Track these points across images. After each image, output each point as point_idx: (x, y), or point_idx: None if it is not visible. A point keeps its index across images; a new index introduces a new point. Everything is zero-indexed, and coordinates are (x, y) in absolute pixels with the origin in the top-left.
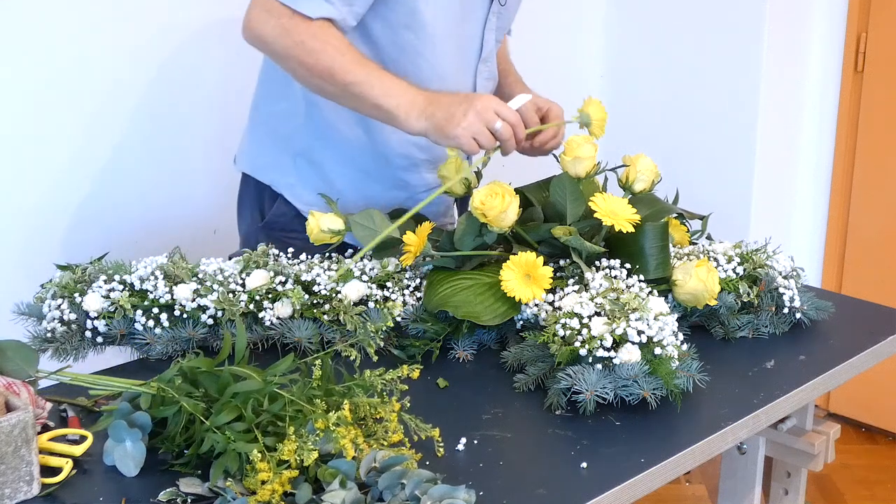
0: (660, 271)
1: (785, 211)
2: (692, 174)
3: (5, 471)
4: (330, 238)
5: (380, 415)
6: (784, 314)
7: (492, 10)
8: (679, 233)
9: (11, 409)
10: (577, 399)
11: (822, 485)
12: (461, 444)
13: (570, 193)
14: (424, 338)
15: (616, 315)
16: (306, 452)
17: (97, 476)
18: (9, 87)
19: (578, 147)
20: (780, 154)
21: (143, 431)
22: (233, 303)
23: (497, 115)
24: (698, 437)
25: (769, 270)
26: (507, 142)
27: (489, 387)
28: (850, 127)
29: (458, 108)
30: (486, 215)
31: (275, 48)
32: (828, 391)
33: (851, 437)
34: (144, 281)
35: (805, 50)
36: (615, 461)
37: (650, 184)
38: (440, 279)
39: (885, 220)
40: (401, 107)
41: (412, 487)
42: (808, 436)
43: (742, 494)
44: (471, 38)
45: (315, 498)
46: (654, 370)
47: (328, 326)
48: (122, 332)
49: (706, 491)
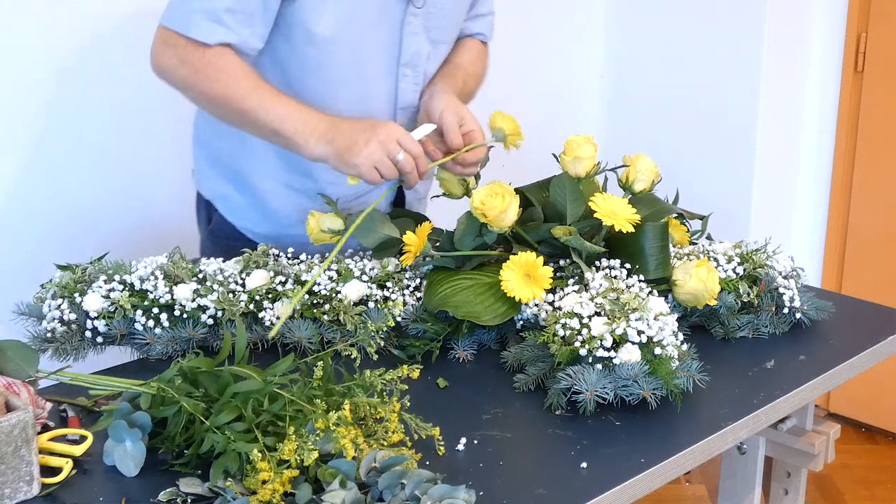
0: (660, 271)
1: (785, 211)
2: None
3: (5, 471)
4: (330, 238)
5: (380, 415)
6: (784, 314)
7: (409, 13)
8: (679, 233)
9: (11, 409)
10: (577, 399)
11: (822, 485)
12: (461, 444)
13: (570, 193)
14: (424, 338)
15: (616, 315)
16: (306, 452)
17: (97, 476)
18: (8, 88)
19: (578, 147)
20: (780, 154)
21: (143, 431)
22: (233, 303)
23: (400, 146)
24: (698, 437)
25: (769, 270)
26: (408, 175)
27: (489, 387)
28: (850, 127)
29: (360, 135)
30: (486, 215)
31: (174, 79)
32: (828, 391)
33: (851, 437)
34: (144, 281)
35: (805, 50)
36: (615, 461)
37: (650, 184)
38: (440, 279)
39: (885, 220)
40: (299, 132)
41: (412, 487)
42: (808, 436)
43: (742, 494)
44: (388, 43)
45: (315, 498)
46: (654, 370)
47: (328, 326)
48: (122, 332)
49: (706, 491)
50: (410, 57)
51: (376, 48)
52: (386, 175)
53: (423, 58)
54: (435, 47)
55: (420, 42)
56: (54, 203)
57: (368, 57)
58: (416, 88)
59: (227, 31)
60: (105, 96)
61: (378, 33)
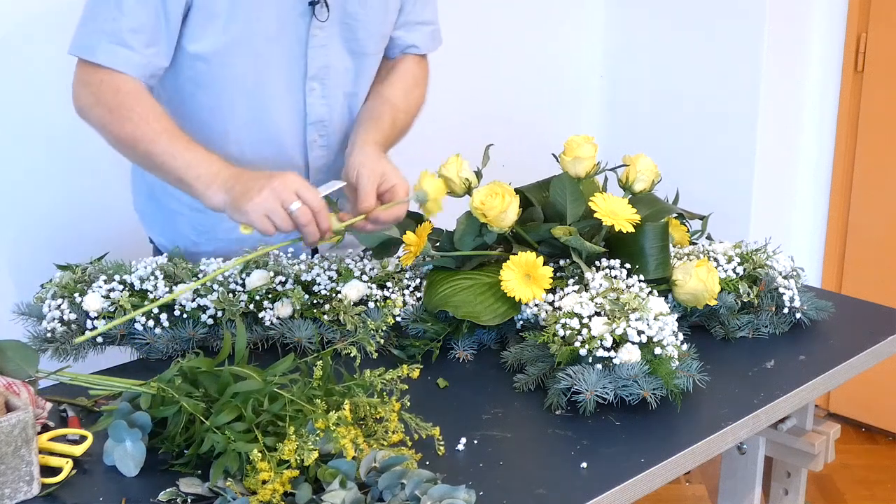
0: (660, 271)
1: (785, 211)
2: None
3: (5, 471)
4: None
5: (380, 415)
6: (784, 314)
7: (313, 26)
8: (679, 233)
9: (11, 409)
10: (577, 399)
11: (822, 485)
12: (461, 444)
13: (570, 193)
14: (424, 338)
15: (616, 315)
16: (306, 452)
17: (97, 476)
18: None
19: (578, 147)
20: (780, 154)
21: (143, 431)
22: (233, 303)
23: (296, 196)
24: (698, 437)
25: (769, 270)
26: (304, 227)
27: (489, 387)
28: (850, 127)
29: (255, 183)
30: (486, 215)
31: (91, 119)
32: (828, 391)
33: (851, 437)
34: (144, 281)
35: (805, 50)
36: (615, 461)
37: (650, 184)
38: (440, 279)
39: (885, 220)
40: (201, 179)
41: (412, 487)
42: (808, 436)
43: (742, 494)
44: (291, 57)
45: (315, 498)
46: (654, 370)
47: (328, 326)
48: (122, 332)
49: (706, 491)
50: (317, 71)
51: (278, 63)
52: (279, 225)
53: (339, 71)
54: (357, 59)
55: (330, 55)
56: (54, 203)
57: (269, 71)
58: (326, 102)
59: (131, 52)
60: None
61: (278, 48)
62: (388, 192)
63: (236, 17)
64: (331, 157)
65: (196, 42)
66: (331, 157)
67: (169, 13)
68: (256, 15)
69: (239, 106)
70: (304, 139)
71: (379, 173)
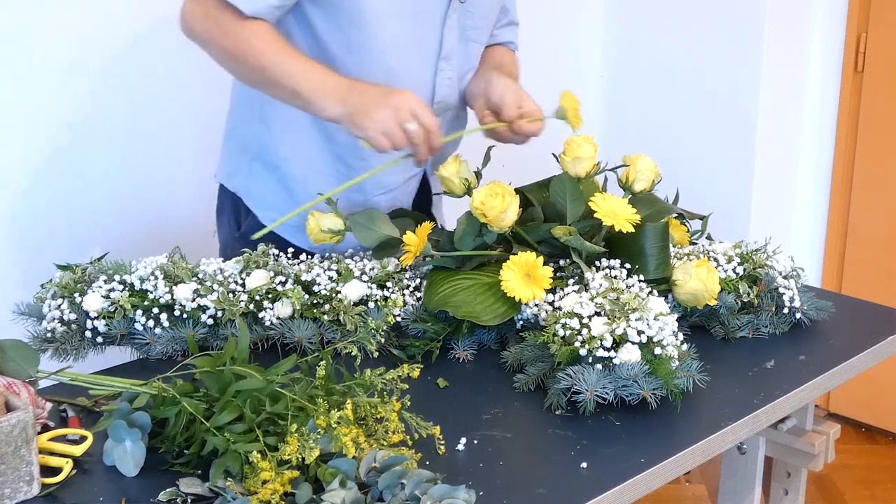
0: (660, 271)
1: (785, 211)
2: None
3: (5, 471)
4: (330, 238)
5: (380, 414)
6: (784, 314)
7: (451, 8)
8: (679, 233)
9: (11, 409)
10: (577, 399)
11: (822, 485)
12: (461, 444)
13: (570, 193)
14: (424, 338)
15: (616, 315)
16: (307, 450)
17: (97, 476)
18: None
19: (578, 147)
20: (780, 154)
21: (143, 431)
22: (233, 303)
23: (413, 116)
24: (698, 437)
25: (769, 270)
26: (418, 147)
27: (489, 387)
28: (850, 127)
29: (375, 99)
30: (486, 215)
31: (199, 33)
32: (828, 391)
33: (851, 437)
34: (144, 281)
35: (805, 50)
36: (615, 461)
37: (650, 184)
38: (440, 279)
39: (885, 220)
40: (318, 90)
41: (412, 487)
42: (808, 436)
43: (742, 494)
44: (428, 36)
45: (315, 498)
46: (654, 370)
47: (328, 326)
48: (122, 332)
49: (706, 491)
50: (449, 51)
51: (417, 39)
52: (396, 144)
53: (461, 55)
54: (467, 46)
55: (454, 37)
56: (54, 203)
57: (409, 47)
58: (452, 84)
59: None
60: (107, 98)
61: (419, 24)
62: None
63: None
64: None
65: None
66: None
67: None
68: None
69: (379, 77)
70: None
71: (521, 95)
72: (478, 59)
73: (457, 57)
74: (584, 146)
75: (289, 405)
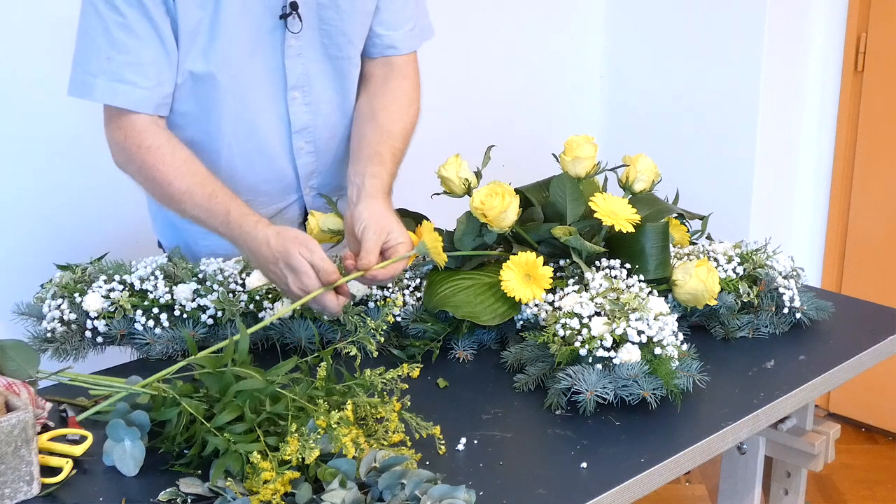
0: (660, 271)
1: (785, 211)
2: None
3: (5, 471)
4: (330, 238)
5: (380, 414)
6: (784, 314)
7: (287, 38)
8: (679, 233)
9: (11, 409)
10: (577, 399)
11: (822, 485)
12: (461, 444)
13: (570, 193)
14: (424, 338)
15: (616, 315)
16: (308, 451)
17: (97, 476)
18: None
19: (578, 147)
20: (780, 154)
21: (142, 430)
22: (233, 303)
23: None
24: (698, 437)
25: (769, 270)
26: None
27: (489, 387)
28: (850, 127)
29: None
30: (486, 215)
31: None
32: (828, 391)
33: (851, 437)
34: (144, 281)
35: (805, 50)
36: (615, 461)
37: (650, 184)
38: (440, 279)
39: (885, 220)
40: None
41: (412, 487)
42: (808, 436)
43: (742, 494)
44: (270, 70)
45: (315, 498)
46: (654, 370)
47: (328, 326)
48: (122, 332)
49: (706, 491)
50: (297, 80)
51: (258, 77)
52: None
53: (319, 78)
54: (337, 63)
55: (308, 63)
56: (54, 203)
57: (250, 87)
58: (309, 109)
59: (131, 87)
60: None
61: (255, 63)
62: (391, 250)
63: (215, 35)
64: (318, 163)
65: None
66: (318, 163)
67: (164, 39)
68: (233, 32)
69: (226, 121)
70: (290, 147)
71: (385, 231)
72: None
73: (314, 81)
74: (584, 146)
75: (289, 405)
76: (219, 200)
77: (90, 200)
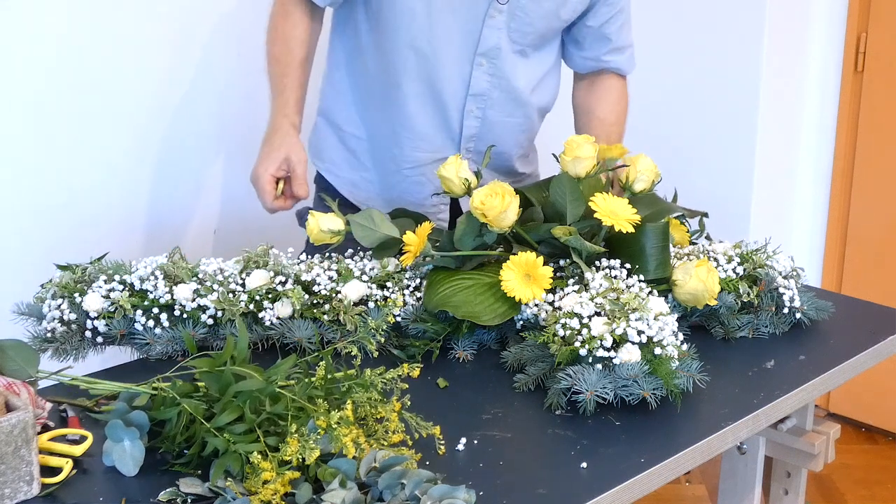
0: (660, 271)
1: (785, 211)
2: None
3: (5, 471)
4: (330, 238)
5: (380, 414)
6: (784, 314)
7: (493, 7)
8: (679, 233)
9: (11, 409)
10: (577, 399)
11: (822, 485)
12: (461, 444)
13: (570, 193)
14: (424, 338)
15: (616, 315)
16: (308, 451)
17: (97, 476)
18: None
19: (578, 147)
20: (780, 154)
21: (141, 430)
22: (233, 303)
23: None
24: (698, 437)
25: (769, 270)
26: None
27: (489, 387)
28: (850, 127)
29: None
30: (486, 215)
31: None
32: (828, 391)
33: (851, 437)
34: (144, 281)
35: (805, 50)
36: (615, 461)
37: (650, 184)
38: (440, 279)
39: (885, 220)
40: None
41: (412, 487)
42: (808, 436)
43: (742, 494)
44: (467, 31)
45: (315, 498)
46: (654, 370)
47: (328, 326)
48: (122, 332)
49: (706, 491)
50: (488, 49)
51: (453, 32)
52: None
53: (508, 56)
54: (515, 47)
55: (501, 39)
56: (54, 203)
57: (445, 38)
58: (490, 80)
59: None
60: (107, 97)
61: (456, 18)
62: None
63: None
64: (483, 129)
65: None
66: (483, 129)
67: None
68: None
69: (410, 62)
70: (462, 107)
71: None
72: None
73: (503, 57)
74: (584, 146)
75: (289, 405)
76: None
77: (91, 200)
